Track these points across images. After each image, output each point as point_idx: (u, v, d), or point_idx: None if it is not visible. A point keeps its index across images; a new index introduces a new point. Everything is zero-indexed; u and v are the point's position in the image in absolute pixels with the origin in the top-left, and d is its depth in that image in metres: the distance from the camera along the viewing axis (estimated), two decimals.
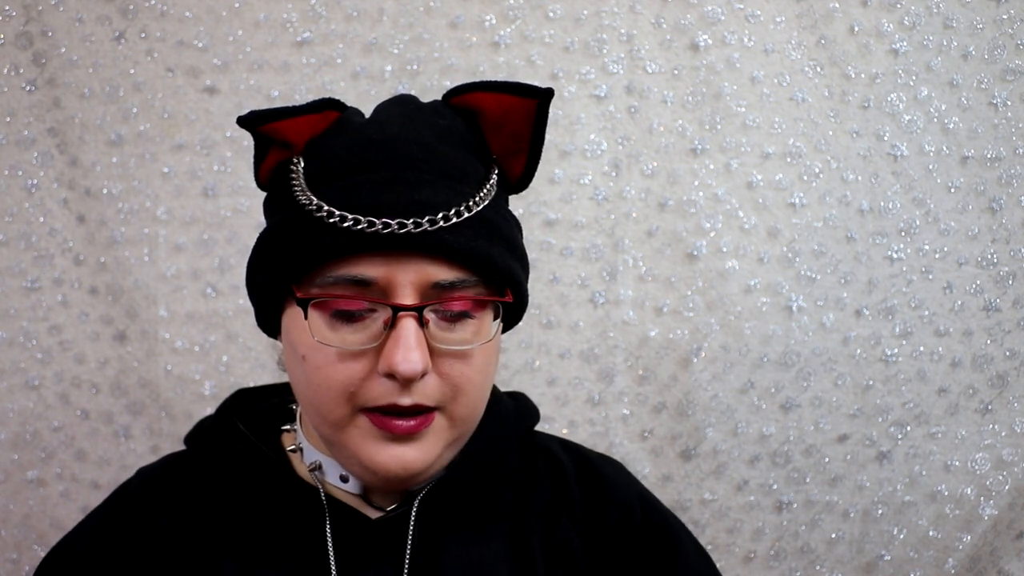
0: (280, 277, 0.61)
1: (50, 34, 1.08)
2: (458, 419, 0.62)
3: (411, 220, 0.58)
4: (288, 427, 0.70)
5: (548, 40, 1.10)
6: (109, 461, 1.11)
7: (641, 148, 1.11)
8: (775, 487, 1.13)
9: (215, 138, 1.10)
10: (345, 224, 0.58)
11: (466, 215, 0.60)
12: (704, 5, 1.10)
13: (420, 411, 0.60)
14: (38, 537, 1.11)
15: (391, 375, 0.58)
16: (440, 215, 0.59)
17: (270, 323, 0.66)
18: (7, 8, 1.08)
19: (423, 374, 0.58)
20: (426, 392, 0.60)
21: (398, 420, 0.60)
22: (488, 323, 0.62)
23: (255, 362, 1.11)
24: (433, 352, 0.59)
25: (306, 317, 0.60)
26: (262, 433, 0.68)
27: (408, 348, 0.57)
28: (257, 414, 0.70)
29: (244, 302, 1.09)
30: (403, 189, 0.59)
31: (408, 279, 0.59)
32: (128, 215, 1.10)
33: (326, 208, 0.59)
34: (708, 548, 0.78)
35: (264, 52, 1.09)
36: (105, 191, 1.09)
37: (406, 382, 0.58)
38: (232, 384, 1.09)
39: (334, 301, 0.59)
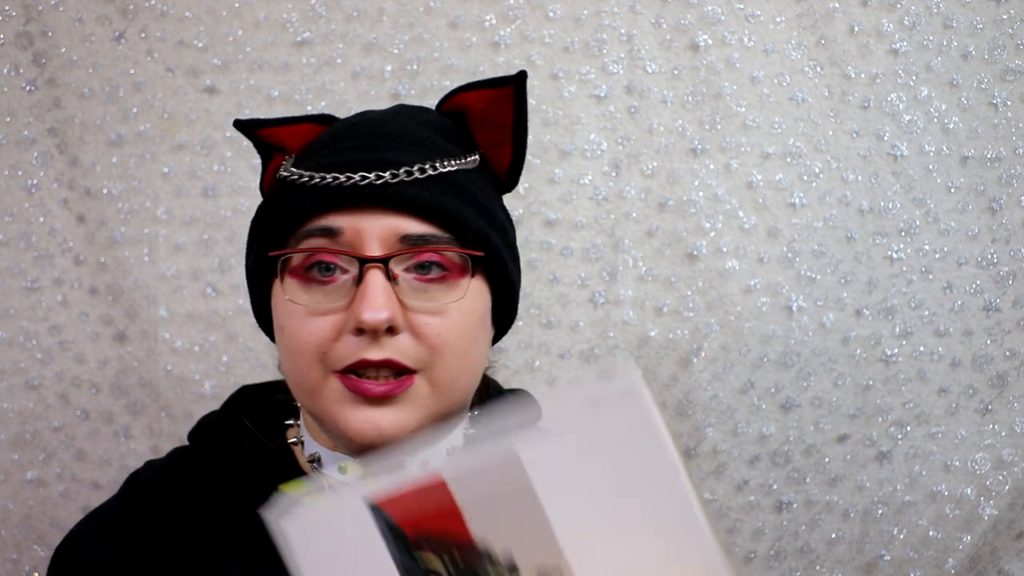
0: (261, 249, 0.64)
1: (50, 34, 1.08)
2: (439, 384, 0.62)
3: (373, 173, 0.60)
4: (292, 422, 0.70)
5: (548, 40, 1.10)
6: (109, 461, 1.11)
7: (641, 148, 1.11)
8: (775, 487, 1.13)
9: (215, 138, 1.10)
10: (313, 182, 0.61)
11: (430, 172, 0.62)
12: (704, 5, 1.10)
13: (395, 370, 0.60)
14: (38, 537, 1.11)
15: (360, 329, 0.59)
16: (403, 170, 0.61)
17: (265, 315, 0.67)
18: (7, 8, 1.08)
19: (390, 324, 0.59)
20: (400, 348, 0.60)
21: (370, 383, 0.60)
22: (466, 287, 0.63)
23: (255, 362, 1.11)
24: (407, 309, 0.60)
25: (279, 276, 0.62)
26: (266, 428, 0.69)
27: (373, 298, 0.58)
28: (262, 409, 0.71)
29: (244, 302, 1.09)
30: (371, 151, 0.62)
31: (375, 232, 0.60)
32: (128, 215, 1.10)
33: (297, 172, 0.63)
34: None
35: (264, 52, 1.10)
36: (105, 191, 1.09)
37: (374, 335, 0.59)
38: (232, 384, 1.09)
39: (306, 259, 0.61)
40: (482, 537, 0.52)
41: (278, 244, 0.63)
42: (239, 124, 0.70)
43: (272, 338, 0.68)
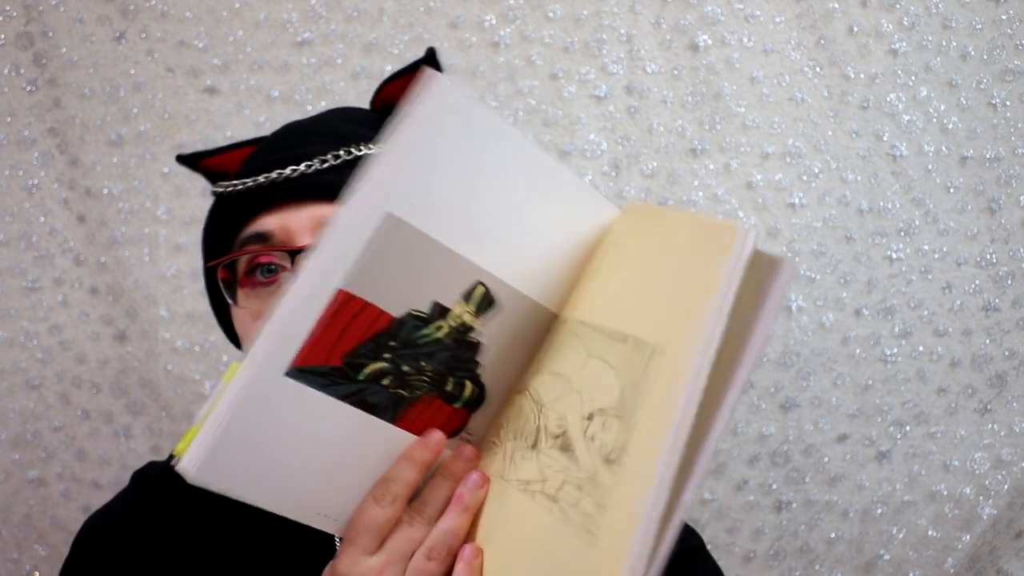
0: (209, 268, 0.66)
1: (51, 34, 1.08)
2: None
3: (288, 168, 0.62)
4: None
5: (548, 40, 1.10)
6: (110, 461, 1.11)
7: (641, 148, 1.12)
8: (774, 487, 1.13)
9: (215, 138, 1.10)
10: (238, 190, 0.63)
11: (345, 158, 0.63)
12: (704, 5, 1.10)
13: None
14: (39, 536, 1.11)
15: None
16: (317, 159, 0.62)
17: (232, 331, 0.70)
18: (8, 8, 1.08)
19: None
20: None
21: None
22: None
23: None
24: None
25: (224, 289, 0.64)
26: None
27: None
28: None
29: None
30: (288, 150, 0.64)
31: (302, 224, 0.61)
32: (128, 215, 1.10)
33: (223, 185, 0.65)
34: (708, 548, 0.78)
35: (264, 52, 1.10)
36: (105, 191, 1.10)
37: None
38: None
39: (247, 265, 0.63)
40: (401, 309, 0.51)
41: (220, 257, 0.65)
42: (181, 159, 0.73)
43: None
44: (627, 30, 1.11)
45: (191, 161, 0.72)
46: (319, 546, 0.64)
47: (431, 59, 0.70)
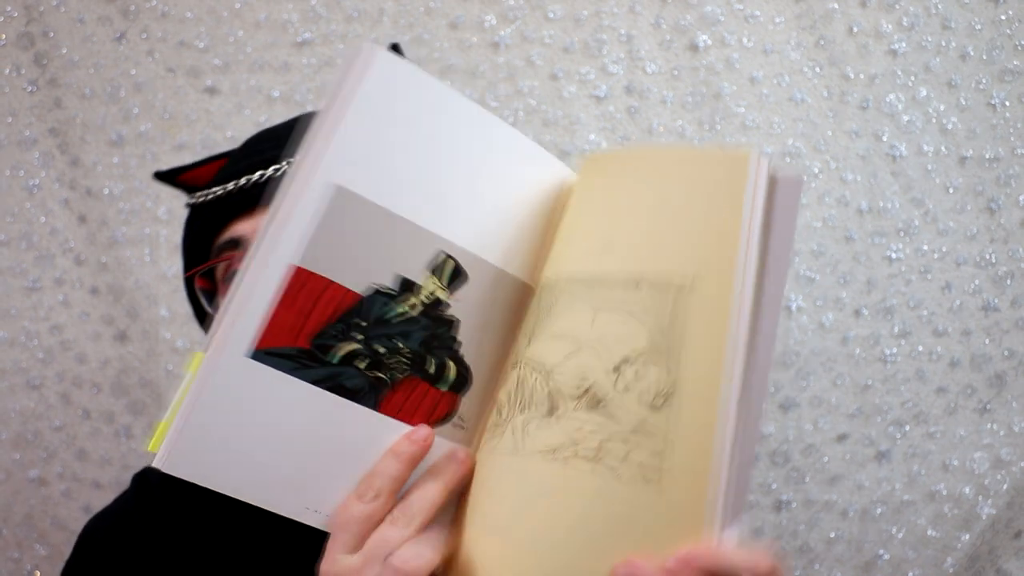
0: (188, 278, 0.68)
1: (51, 35, 1.08)
2: None
3: (257, 173, 0.63)
4: None
5: (548, 40, 1.11)
6: (110, 461, 1.12)
7: None
8: (774, 486, 1.13)
9: (216, 138, 1.10)
10: (209, 199, 0.65)
11: None
12: (703, 5, 1.10)
13: None
14: (39, 536, 1.11)
15: None
16: (285, 162, 0.63)
17: None
18: (8, 9, 1.08)
19: None
20: None
21: None
22: None
23: None
24: None
25: (202, 298, 0.65)
26: None
27: None
28: None
29: None
30: (257, 155, 0.65)
31: None
32: (129, 215, 1.10)
33: (196, 195, 0.67)
34: None
35: (264, 52, 1.10)
36: (106, 191, 1.10)
37: None
38: None
39: (224, 272, 0.64)
40: (365, 284, 0.50)
41: (198, 266, 0.67)
42: (159, 176, 0.74)
43: None
44: (627, 30, 1.11)
45: (169, 177, 0.73)
46: (320, 547, 0.64)
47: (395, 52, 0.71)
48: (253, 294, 0.48)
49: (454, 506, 0.55)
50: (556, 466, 0.49)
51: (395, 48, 0.70)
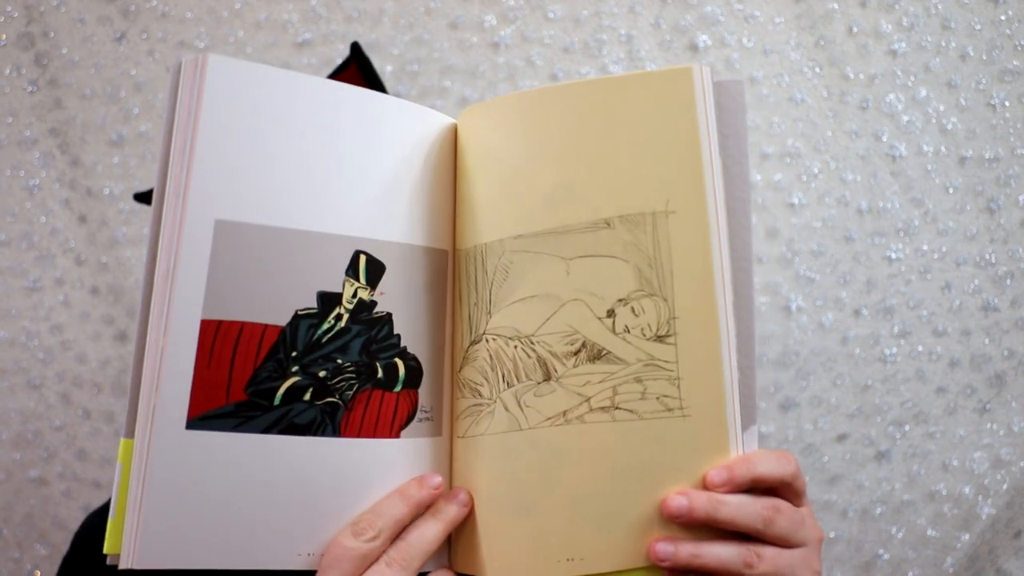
0: None
1: (52, 35, 1.08)
2: None
3: None
4: None
5: (548, 40, 1.11)
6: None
7: None
8: None
9: None
10: None
11: None
12: (703, 6, 1.10)
13: None
14: (40, 536, 1.11)
15: None
16: None
17: None
18: (9, 9, 1.08)
19: None
20: None
21: None
22: None
23: None
24: None
25: None
26: None
27: None
28: None
29: None
30: None
31: None
32: (129, 215, 1.10)
33: None
34: None
35: (264, 53, 1.10)
36: (106, 191, 1.10)
37: None
38: None
39: None
40: (281, 313, 0.47)
41: None
42: (139, 197, 0.76)
43: None
44: (627, 30, 1.11)
45: (148, 199, 0.73)
46: None
47: (356, 53, 0.68)
48: (168, 364, 0.45)
49: (447, 548, 0.53)
50: (572, 427, 0.48)
51: (355, 47, 0.67)
